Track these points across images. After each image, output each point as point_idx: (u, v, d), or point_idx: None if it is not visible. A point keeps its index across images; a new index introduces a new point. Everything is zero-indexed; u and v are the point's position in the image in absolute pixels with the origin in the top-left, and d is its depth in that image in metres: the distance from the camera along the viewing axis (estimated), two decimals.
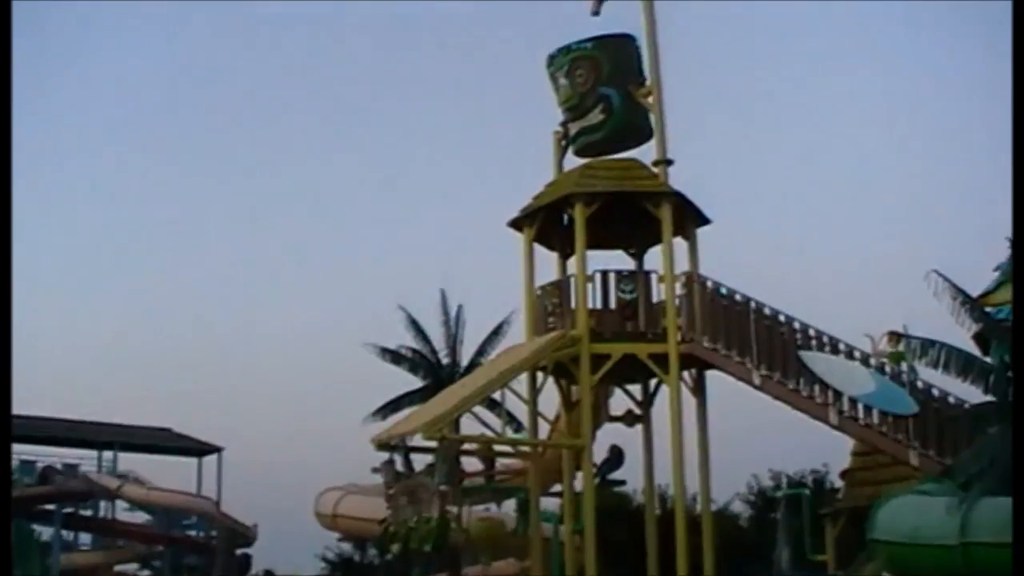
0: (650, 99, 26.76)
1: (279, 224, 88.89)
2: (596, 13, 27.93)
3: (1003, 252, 22.04)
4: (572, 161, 27.74)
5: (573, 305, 25.93)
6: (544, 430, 27.29)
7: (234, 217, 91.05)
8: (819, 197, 75.03)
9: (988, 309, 21.78)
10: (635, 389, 27.92)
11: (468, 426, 28.55)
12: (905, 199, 73.02)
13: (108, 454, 54.79)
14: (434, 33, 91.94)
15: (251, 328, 79.23)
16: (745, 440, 43.40)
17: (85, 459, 54.42)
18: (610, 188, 26.12)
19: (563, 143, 27.81)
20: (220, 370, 72.87)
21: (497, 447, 28.00)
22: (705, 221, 27.00)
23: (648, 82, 26.87)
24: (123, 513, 53.30)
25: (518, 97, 66.34)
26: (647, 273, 26.91)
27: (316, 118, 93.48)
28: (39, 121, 77.25)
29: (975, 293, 21.42)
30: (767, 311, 24.96)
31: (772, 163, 76.93)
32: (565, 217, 26.91)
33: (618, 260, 28.32)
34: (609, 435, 27.90)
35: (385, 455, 24.85)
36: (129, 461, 55.30)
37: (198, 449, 55.10)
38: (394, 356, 42.80)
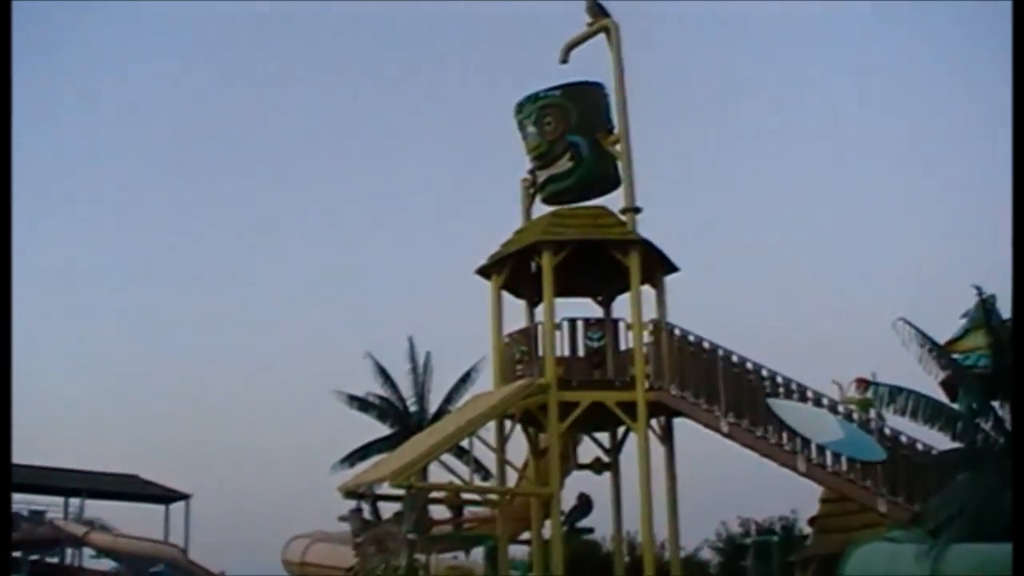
0: (618, 147, 26.84)
1: (247, 270, 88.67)
2: (564, 61, 28.10)
3: (970, 299, 22.11)
4: (540, 209, 27.83)
5: (541, 353, 25.94)
6: (512, 478, 27.22)
7: (202, 265, 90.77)
8: (787, 244, 75.26)
9: (955, 356, 21.84)
10: (603, 437, 27.94)
11: (436, 474, 28.50)
12: (873, 246, 73.34)
13: (75, 501, 54.51)
14: (400, 80, 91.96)
15: (219, 374, 78.94)
16: (713, 487, 43.36)
17: (52, 506, 54.20)
18: (578, 236, 26.16)
19: (531, 191, 27.90)
20: (187, 416, 72.50)
21: (465, 495, 27.95)
22: (673, 269, 27.03)
23: (616, 130, 26.98)
24: (90, 560, 52.90)
25: (486, 144, 66.32)
26: (615, 321, 26.94)
27: (282, 166, 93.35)
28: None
29: (942, 340, 21.50)
30: (735, 359, 24.96)
31: (740, 210, 77.21)
32: (533, 265, 26.90)
33: (586, 308, 28.38)
34: (577, 483, 27.86)
35: (353, 503, 24.87)
36: (96, 508, 55.03)
37: (165, 496, 54.91)
38: (362, 403, 42.74)
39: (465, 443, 25.77)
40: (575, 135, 26.88)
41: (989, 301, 20.49)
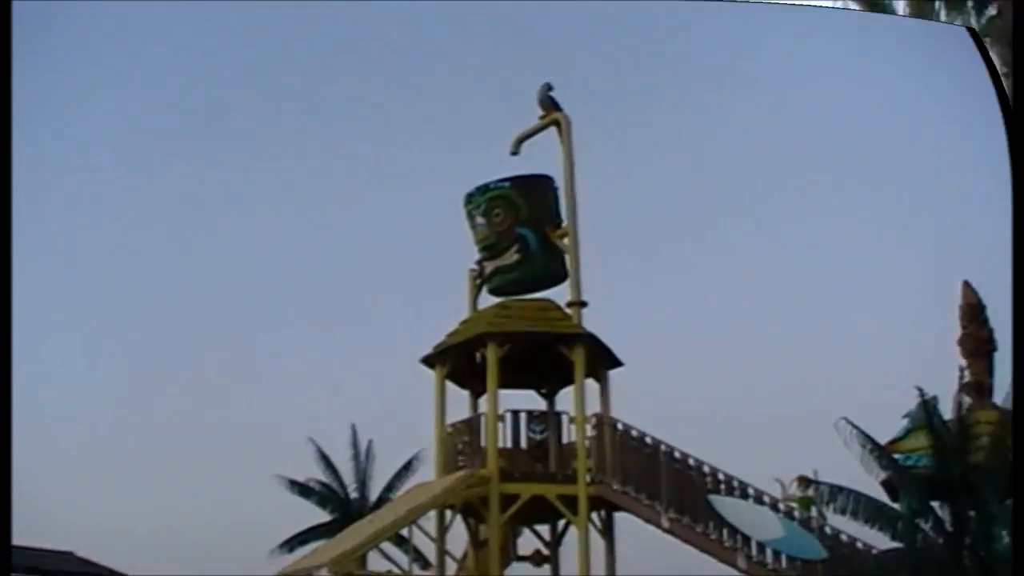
0: (566, 241, 26.92)
1: (188, 351, 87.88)
2: (515, 152, 28.19)
3: (911, 400, 22.26)
4: (487, 300, 27.80)
5: (483, 444, 25.84)
6: (451, 568, 27.02)
7: (143, 345, 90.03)
8: (732, 342, 75.30)
9: (897, 456, 21.95)
10: (544, 529, 27.77)
11: (375, 562, 28.20)
12: (817, 345, 73.54)
13: None
14: (347, 165, 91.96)
15: (157, 455, 78.02)
16: None
17: None
18: (524, 329, 26.12)
19: (478, 282, 27.85)
20: (125, 495, 71.61)
21: None
22: (617, 363, 27.00)
23: (564, 223, 27.06)
24: None
25: (434, 233, 66.26)
26: (558, 414, 26.91)
27: (232, 249, 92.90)
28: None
29: (884, 440, 21.62)
30: (677, 454, 24.96)
31: (685, 307, 77.26)
32: (478, 356, 26.82)
33: (529, 400, 28.27)
34: (517, 575, 27.70)
35: None
36: None
37: (101, 575, 54.08)
38: (302, 489, 42.27)
39: (405, 532, 25.52)
40: (524, 228, 26.92)
41: (931, 402, 20.64)
